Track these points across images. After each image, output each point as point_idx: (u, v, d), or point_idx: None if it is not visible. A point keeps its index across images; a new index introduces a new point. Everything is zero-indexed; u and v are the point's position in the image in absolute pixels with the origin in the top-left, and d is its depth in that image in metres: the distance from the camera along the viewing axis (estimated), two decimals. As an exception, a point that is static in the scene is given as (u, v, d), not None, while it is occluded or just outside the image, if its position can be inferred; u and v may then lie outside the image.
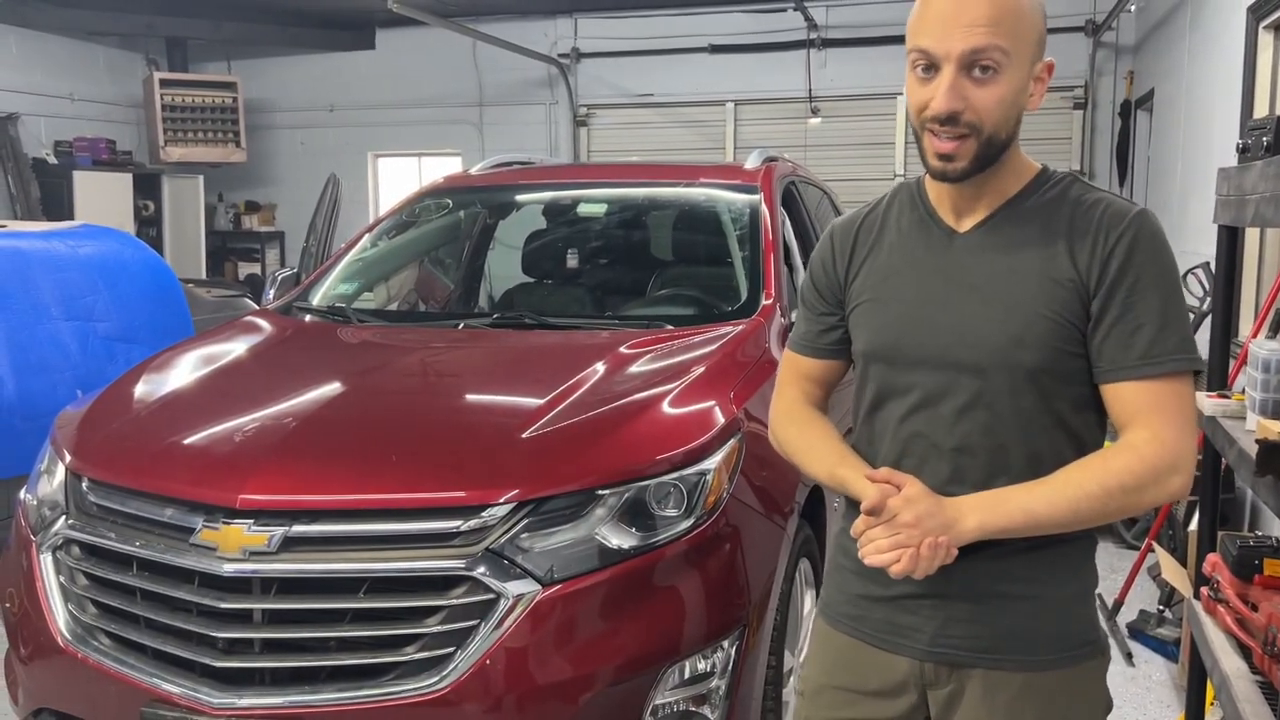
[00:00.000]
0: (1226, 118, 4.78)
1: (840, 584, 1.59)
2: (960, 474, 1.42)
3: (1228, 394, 2.44)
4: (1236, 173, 2.41)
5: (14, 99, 8.33)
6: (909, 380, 1.46)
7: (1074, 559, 1.46)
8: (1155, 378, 1.35)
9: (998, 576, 1.43)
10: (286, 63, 9.91)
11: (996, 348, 1.39)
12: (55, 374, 4.32)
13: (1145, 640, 3.85)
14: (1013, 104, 1.38)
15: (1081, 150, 7.94)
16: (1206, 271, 4.66)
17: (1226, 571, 2.29)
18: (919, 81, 1.38)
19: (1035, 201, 1.44)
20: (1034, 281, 1.39)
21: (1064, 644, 1.45)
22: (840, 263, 1.57)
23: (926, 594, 1.46)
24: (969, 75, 1.34)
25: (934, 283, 1.46)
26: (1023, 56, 1.37)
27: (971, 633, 1.45)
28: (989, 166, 1.40)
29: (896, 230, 1.53)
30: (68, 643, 2.26)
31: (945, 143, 1.36)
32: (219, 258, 10.05)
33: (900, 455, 1.47)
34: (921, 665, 1.48)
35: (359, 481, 2.19)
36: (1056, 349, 1.38)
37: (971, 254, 1.44)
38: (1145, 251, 1.37)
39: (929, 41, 1.35)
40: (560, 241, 4.09)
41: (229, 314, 5.34)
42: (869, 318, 1.51)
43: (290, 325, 3.29)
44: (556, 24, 9.24)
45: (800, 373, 1.64)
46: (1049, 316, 1.37)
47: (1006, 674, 1.44)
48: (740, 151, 8.49)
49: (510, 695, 2.02)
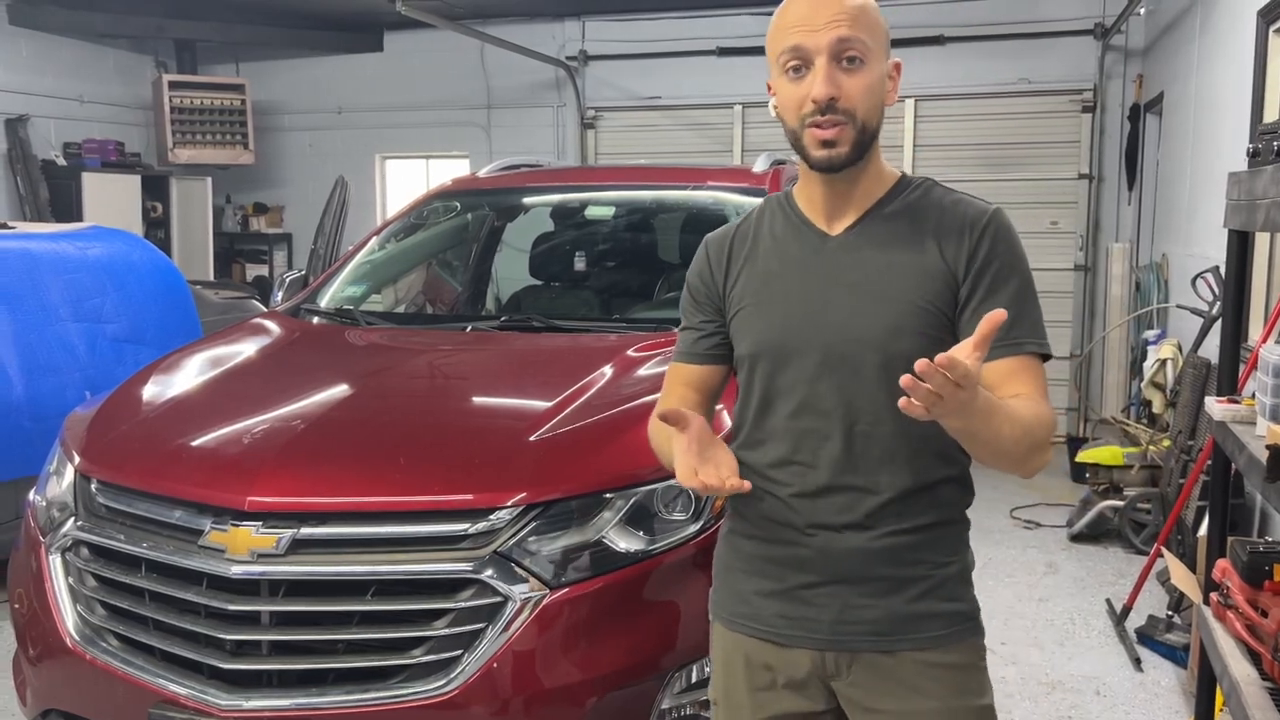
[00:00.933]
0: (1237, 122, 4.77)
1: (730, 584, 1.64)
2: (852, 463, 1.50)
3: (1238, 399, 2.43)
4: (1247, 177, 2.40)
5: (24, 101, 8.36)
6: (794, 378, 1.53)
7: (954, 540, 1.57)
8: (1016, 355, 1.47)
9: (888, 560, 1.51)
10: (295, 65, 9.93)
11: (875, 339, 1.48)
12: (64, 375, 4.33)
13: (1154, 646, 3.83)
14: (878, 93, 1.50)
15: (1090, 154, 7.92)
16: (1216, 276, 4.65)
17: (1236, 577, 2.28)
18: (791, 83, 1.48)
19: (900, 203, 1.55)
20: (910, 275, 1.50)
21: (950, 620, 1.54)
22: (718, 273, 1.65)
23: (821, 582, 1.53)
24: (839, 65, 1.45)
25: (812, 283, 1.54)
26: (879, 49, 1.49)
27: (868, 617, 1.52)
28: (864, 156, 1.50)
29: (770, 237, 1.61)
30: (76, 644, 2.27)
31: (827, 130, 1.46)
32: (227, 259, 10.07)
33: (792, 450, 1.53)
34: (822, 655, 1.54)
35: (367, 484, 2.19)
36: (930, 336, 1.48)
37: (847, 253, 1.54)
38: (1003, 244, 1.51)
39: (798, 39, 1.46)
40: (568, 244, 4.09)
41: (237, 316, 5.35)
42: (752, 321, 1.58)
43: (298, 327, 3.30)
44: (564, 27, 9.24)
45: (679, 380, 1.69)
46: (924, 306, 1.49)
47: (901, 655, 1.52)
48: (748, 155, 8.49)
49: (518, 698, 2.02)
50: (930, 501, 1.53)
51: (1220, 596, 2.37)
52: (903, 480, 1.51)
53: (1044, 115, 7.94)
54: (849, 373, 1.50)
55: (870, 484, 1.51)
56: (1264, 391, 2.14)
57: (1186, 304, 5.30)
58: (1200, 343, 5.02)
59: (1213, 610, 2.42)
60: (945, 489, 1.55)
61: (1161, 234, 6.96)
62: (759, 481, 1.56)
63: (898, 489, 1.51)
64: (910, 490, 1.51)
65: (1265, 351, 2.16)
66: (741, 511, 1.62)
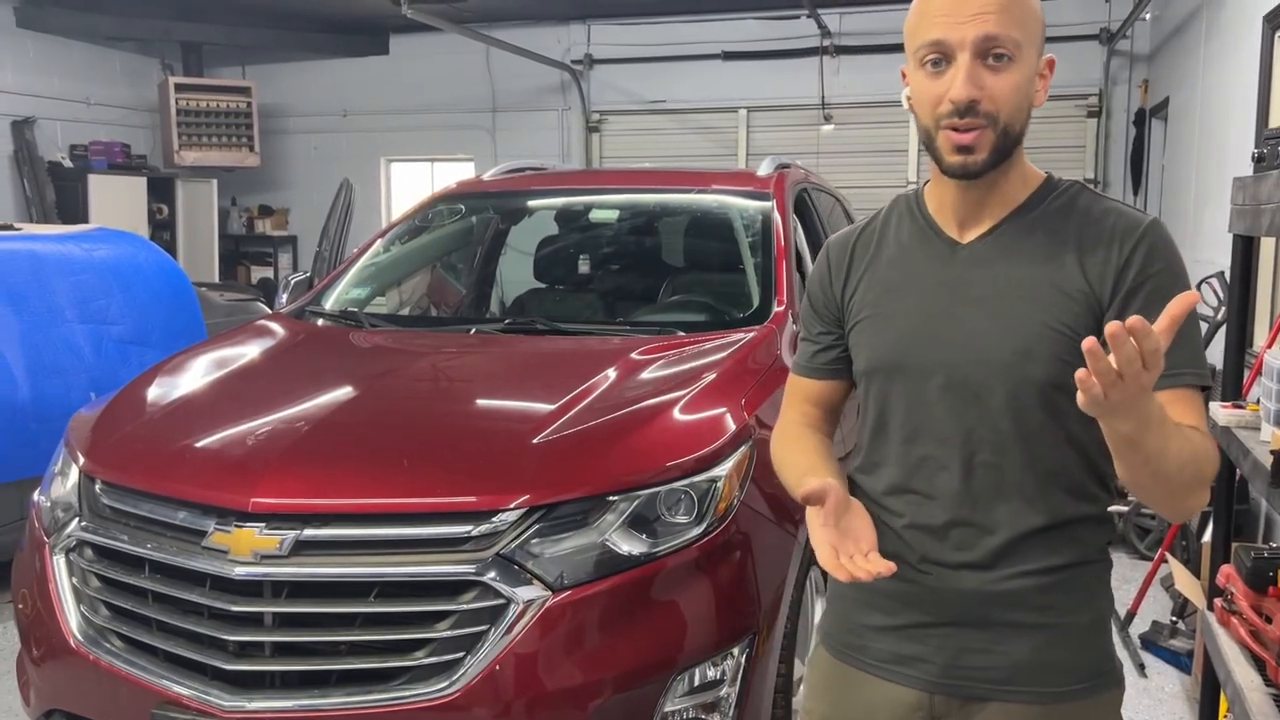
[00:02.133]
0: (1242, 126, 4.76)
1: (842, 613, 1.54)
2: (970, 497, 1.38)
3: (1242, 404, 2.43)
4: (1252, 182, 2.40)
5: (31, 103, 8.39)
6: (912, 400, 1.41)
7: (1089, 585, 1.42)
8: (1176, 389, 1.30)
9: (1010, 604, 1.38)
10: (301, 68, 9.96)
11: (1003, 363, 1.34)
12: (69, 376, 4.34)
13: (1158, 652, 3.82)
14: (1025, 94, 1.35)
15: (1095, 159, 7.92)
16: (1221, 281, 4.64)
17: (1240, 583, 2.28)
18: (930, 77, 1.34)
19: (1042, 210, 1.40)
20: (1042, 293, 1.35)
21: (1079, 675, 1.40)
22: (837, 280, 1.53)
23: (935, 623, 1.41)
24: (984, 63, 1.31)
25: (937, 296, 1.41)
26: (1031, 46, 1.34)
27: (984, 663, 1.39)
28: (1004, 162, 1.36)
29: (896, 243, 1.48)
30: (80, 644, 2.27)
31: (964, 134, 1.32)
32: (232, 261, 10.10)
33: (907, 477, 1.42)
34: (931, 697, 1.42)
35: (370, 486, 2.19)
36: (1066, 363, 1.31)
37: (976, 266, 1.40)
38: (1160, 262, 1.33)
39: (940, 32, 1.32)
40: (572, 247, 4.09)
41: (241, 318, 5.36)
42: (870, 334, 1.46)
43: (303, 329, 3.31)
44: (570, 30, 9.26)
45: (799, 394, 1.60)
46: (1057, 329, 1.33)
47: (1020, 706, 1.39)
48: (753, 158, 8.49)
49: (520, 701, 2.02)
50: (1061, 542, 1.38)
51: (1224, 602, 2.37)
52: (1028, 518, 1.36)
53: (1049, 120, 7.94)
54: (971, 398, 1.36)
55: (988, 521, 1.37)
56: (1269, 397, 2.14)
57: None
58: (1205, 348, 5.00)
59: (1217, 616, 2.42)
60: (1079, 528, 1.39)
61: (1166, 239, 6.93)
62: (873, 509, 1.43)
63: (1020, 528, 1.36)
64: (1037, 529, 1.37)
65: (1270, 357, 2.15)
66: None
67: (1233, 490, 2.66)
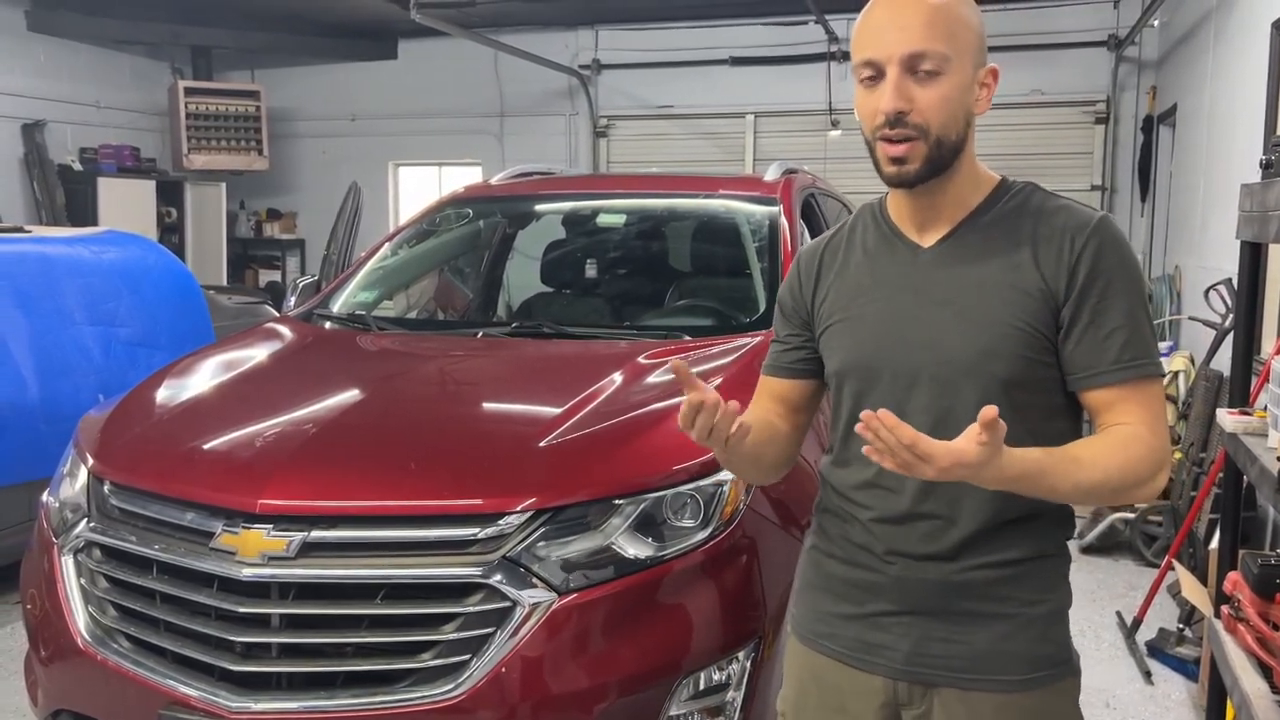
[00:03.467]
0: (1250, 133, 4.76)
1: (811, 602, 1.60)
2: (935, 491, 1.43)
3: (1250, 411, 2.43)
4: (1260, 188, 2.40)
5: (41, 106, 8.43)
6: (881, 399, 1.44)
7: (1047, 577, 1.47)
8: (1132, 380, 1.38)
9: (971, 595, 1.44)
10: (309, 72, 9.99)
11: (968, 361, 1.40)
12: (78, 378, 4.36)
13: (1164, 659, 3.81)
14: (958, 104, 1.40)
15: (1103, 165, 7.90)
16: (1229, 288, 4.63)
17: (1248, 590, 2.27)
18: (866, 93, 1.41)
19: (997, 212, 1.46)
20: (1002, 293, 1.40)
21: (1036, 664, 1.45)
22: (807, 286, 1.59)
23: (900, 611, 1.47)
24: (912, 77, 1.37)
25: (903, 299, 1.47)
26: (963, 59, 1.39)
27: (945, 652, 1.45)
28: (942, 171, 1.42)
29: (862, 249, 1.54)
30: (87, 645, 2.28)
31: (896, 146, 1.39)
32: (240, 265, 10.13)
33: (877, 474, 1.46)
34: (895, 684, 1.49)
35: (378, 488, 2.20)
36: (1028, 359, 1.39)
37: (938, 268, 1.46)
38: (1111, 257, 1.39)
39: (870, 51, 1.39)
40: (579, 251, 4.10)
41: (249, 320, 5.38)
42: (840, 337, 1.52)
43: (310, 332, 3.32)
44: (577, 35, 9.28)
45: (765, 391, 1.65)
46: (1019, 327, 1.39)
47: (980, 694, 1.44)
48: (760, 163, 8.49)
49: (525, 704, 2.02)
50: (1021, 535, 1.44)
51: (1231, 609, 2.36)
52: (989, 512, 1.42)
53: (1057, 126, 7.94)
54: (938, 396, 1.42)
55: (952, 513, 1.43)
56: (1276, 404, 2.14)
57: (1199, 316, 5.28)
58: (1213, 355, 5.00)
59: (1224, 623, 2.41)
60: (1038, 523, 1.45)
61: (1174, 246, 6.94)
62: (842, 503, 1.52)
63: (983, 521, 1.42)
64: (999, 523, 1.42)
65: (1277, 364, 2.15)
66: (825, 530, 1.58)
67: (1240, 497, 2.66)
